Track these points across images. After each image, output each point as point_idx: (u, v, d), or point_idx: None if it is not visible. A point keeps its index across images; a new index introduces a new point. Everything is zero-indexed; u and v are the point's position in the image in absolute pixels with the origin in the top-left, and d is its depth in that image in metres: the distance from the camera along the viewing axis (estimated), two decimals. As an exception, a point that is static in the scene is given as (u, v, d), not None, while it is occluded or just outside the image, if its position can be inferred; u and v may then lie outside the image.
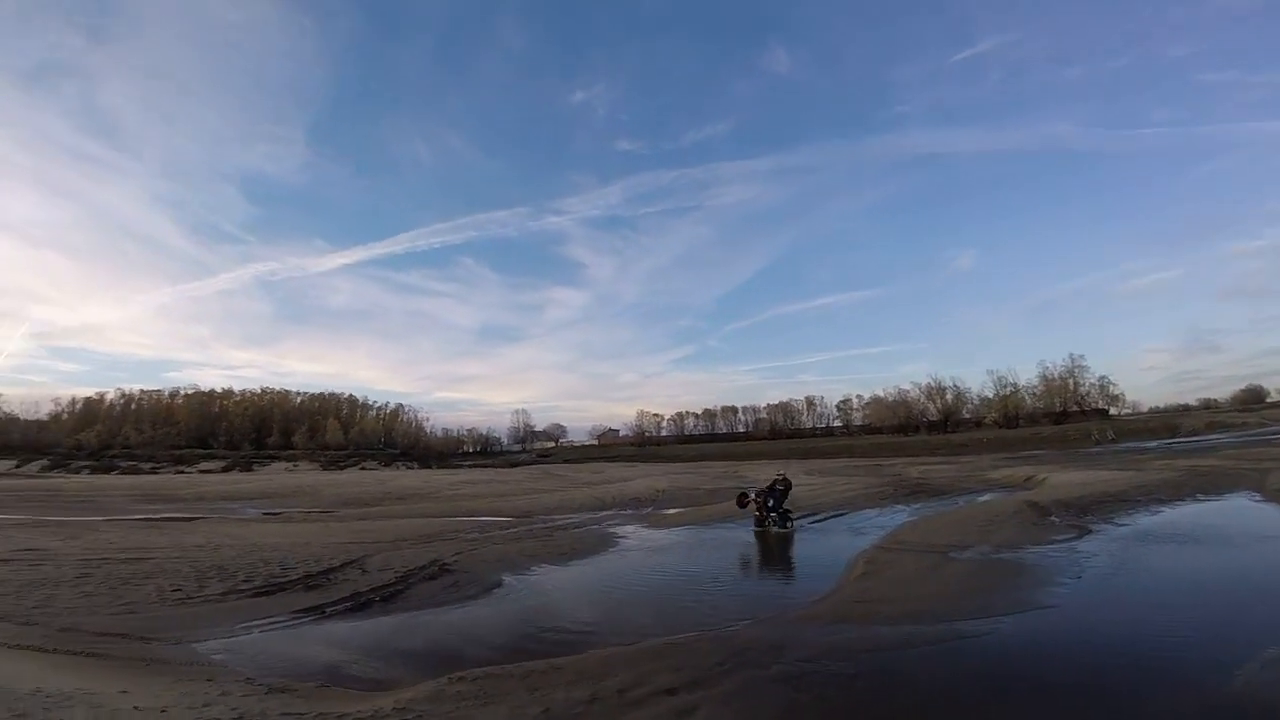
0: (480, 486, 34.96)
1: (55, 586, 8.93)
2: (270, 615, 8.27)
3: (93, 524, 17.17)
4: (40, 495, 28.45)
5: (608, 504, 24.02)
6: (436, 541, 14.79)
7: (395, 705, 5.10)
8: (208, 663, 6.31)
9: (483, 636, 7.78)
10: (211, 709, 4.66)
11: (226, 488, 36.05)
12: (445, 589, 10.12)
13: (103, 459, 79.22)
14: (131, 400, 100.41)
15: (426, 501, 27.85)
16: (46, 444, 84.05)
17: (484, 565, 11.82)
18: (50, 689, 4.67)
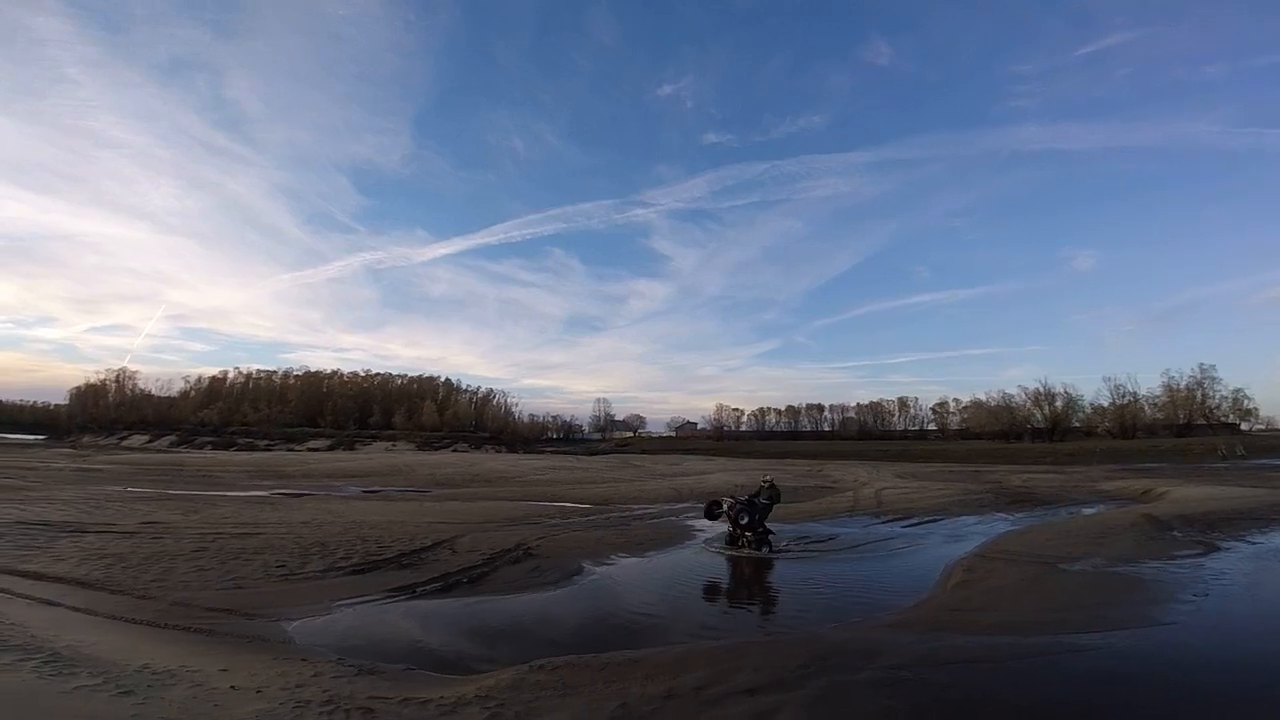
0: (562, 473, 35.69)
1: (173, 560, 9.58)
2: (365, 594, 8.58)
3: (210, 499, 18.79)
4: (167, 470, 31.59)
5: (684, 496, 23.82)
6: (521, 525, 15.13)
7: (478, 692, 5.12)
8: (304, 641, 6.56)
9: (562, 624, 7.85)
10: (304, 690, 4.78)
11: (331, 466, 38.77)
12: (528, 573, 10.33)
13: (223, 435, 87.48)
14: (250, 379, 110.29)
15: (511, 485, 28.72)
16: (175, 420, 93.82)
17: (564, 552, 11.98)
18: (157, 665, 4.91)
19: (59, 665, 4.46)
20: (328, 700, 4.60)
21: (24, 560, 8.97)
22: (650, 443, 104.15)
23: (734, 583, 10.06)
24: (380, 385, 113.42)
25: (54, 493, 17.31)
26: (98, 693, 4.01)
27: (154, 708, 3.93)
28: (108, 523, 12.51)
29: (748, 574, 10.76)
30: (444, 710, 4.76)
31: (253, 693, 4.54)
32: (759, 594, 9.44)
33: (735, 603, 9.03)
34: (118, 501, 16.22)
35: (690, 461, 52.02)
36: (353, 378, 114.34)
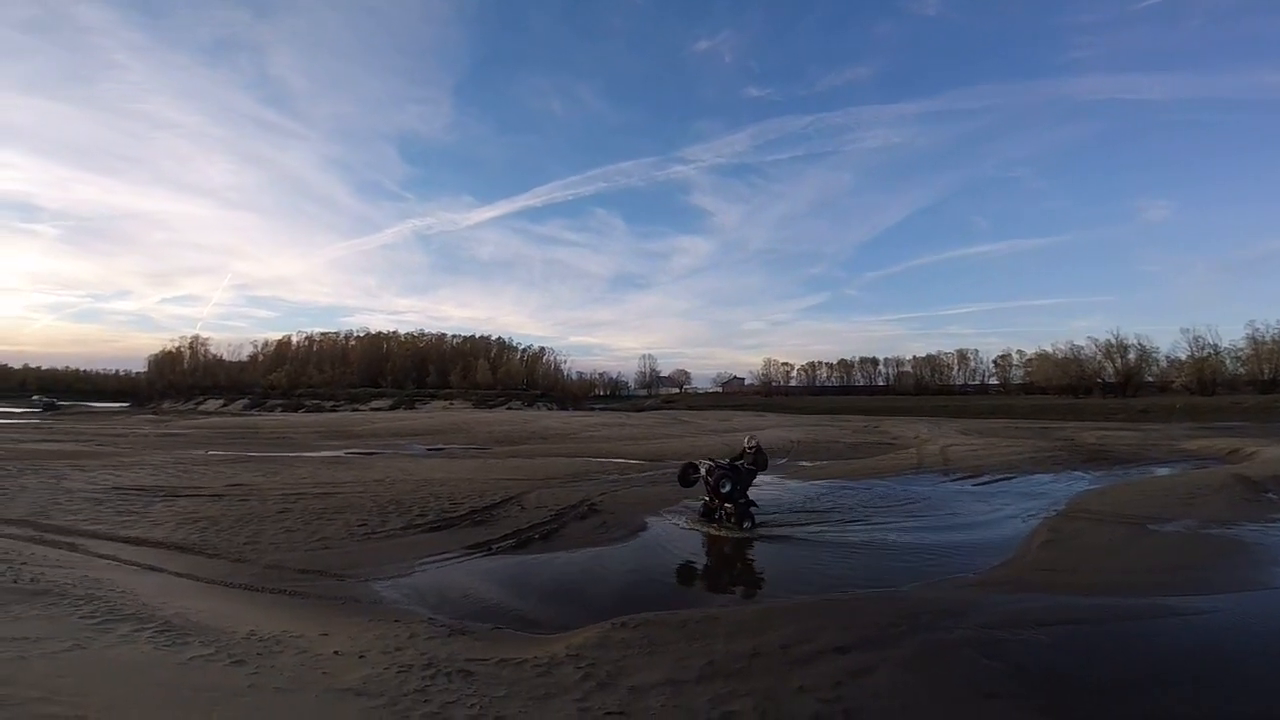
0: (613, 429, 35.98)
1: (260, 522, 9.93)
2: (445, 550, 8.81)
3: (288, 460, 19.56)
4: (243, 432, 33.22)
5: (738, 452, 23.65)
6: (581, 481, 15.34)
7: (568, 652, 5.15)
8: (394, 601, 6.74)
9: (633, 579, 7.95)
10: (404, 654, 4.86)
11: (394, 424, 40.13)
12: (595, 529, 10.51)
13: (292, 397, 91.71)
14: (313, 343, 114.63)
15: (567, 442, 29.12)
16: (247, 384, 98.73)
17: (626, 508, 12.10)
18: (262, 631, 5.05)
19: (172, 635, 4.60)
20: (428, 664, 4.68)
21: (125, 526, 9.44)
22: (696, 399, 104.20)
23: (805, 541, 9.93)
24: (435, 345, 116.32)
25: (143, 458, 18.38)
26: (212, 663, 4.12)
27: (267, 677, 4.02)
28: (196, 486, 13.15)
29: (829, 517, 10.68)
30: (539, 671, 4.79)
31: (356, 657, 4.63)
32: (830, 552, 9.28)
33: (807, 560, 8.89)
34: (202, 465, 17.11)
35: (740, 417, 51.67)
36: (409, 339, 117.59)
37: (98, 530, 9.02)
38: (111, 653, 4.08)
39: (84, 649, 4.05)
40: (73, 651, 3.98)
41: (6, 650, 3.82)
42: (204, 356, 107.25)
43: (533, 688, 4.50)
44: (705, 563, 9.03)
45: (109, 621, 4.73)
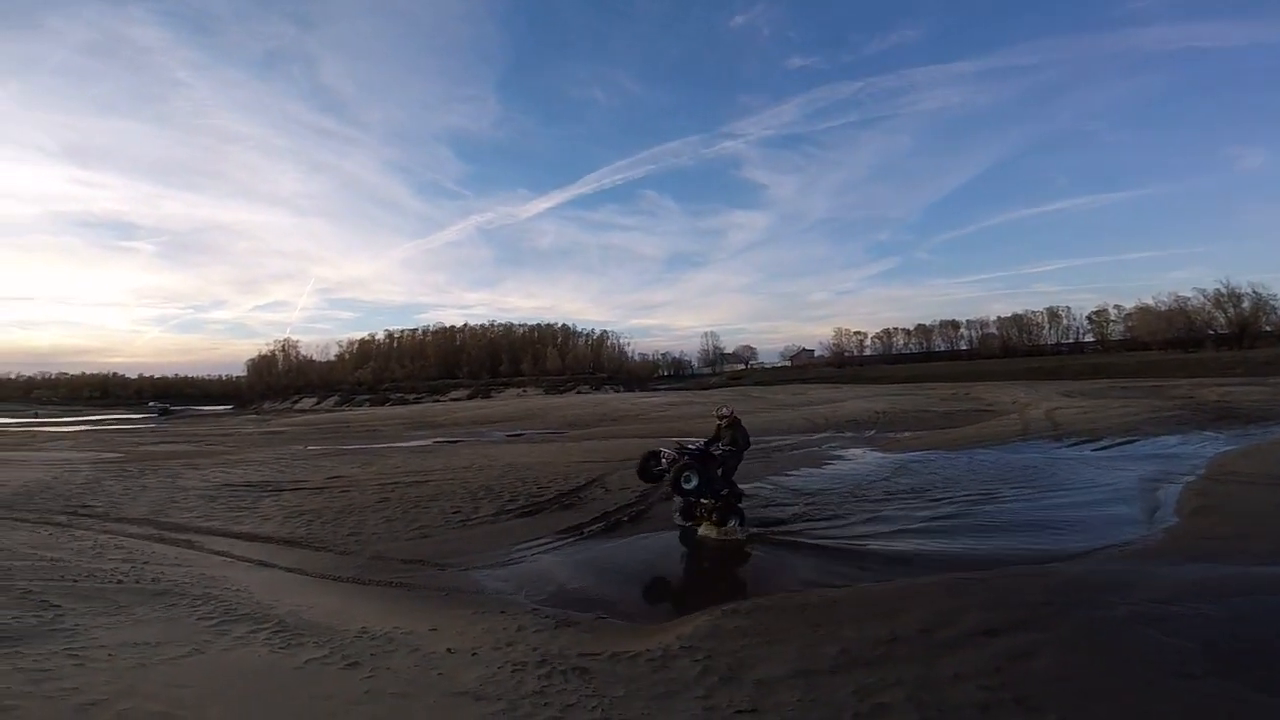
0: (683, 408, 35.69)
1: (361, 513, 10.15)
2: (538, 536, 8.77)
3: (380, 451, 20.36)
4: (336, 427, 35.02)
5: (820, 426, 22.86)
6: None
7: (681, 644, 4.89)
8: (495, 590, 6.67)
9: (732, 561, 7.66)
10: (515, 650, 4.71)
11: (473, 413, 41.38)
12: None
13: (378, 392, 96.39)
14: (393, 339, 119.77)
15: (638, 423, 29.07)
16: (335, 381, 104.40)
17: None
18: (373, 629, 4.99)
19: (286, 635, 4.59)
20: (541, 661, 4.50)
21: (237, 522, 9.86)
22: (764, 374, 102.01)
23: (919, 510, 9.30)
24: (505, 335, 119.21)
25: (248, 455, 19.52)
26: (327, 666, 4.06)
27: (383, 680, 3.92)
28: (299, 480, 13.71)
29: (929, 503, 9.88)
30: (654, 666, 4.54)
31: (469, 655, 4.49)
32: (952, 524, 8.63)
33: (925, 534, 8.29)
34: (302, 460, 17.97)
35: (815, 390, 50.15)
36: (481, 330, 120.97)
37: (212, 527, 9.45)
38: (229, 657, 4.07)
39: (203, 653, 4.06)
40: (192, 657, 3.99)
41: (128, 657, 3.86)
42: (295, 358, 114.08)
43: (651, 685, 4.27)
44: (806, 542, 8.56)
45: (226, 622, 4.77)
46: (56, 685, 3.25)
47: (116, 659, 3.74)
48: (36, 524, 9.02)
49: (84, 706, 3.05)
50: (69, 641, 4.02)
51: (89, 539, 8.08)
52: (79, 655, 3.75)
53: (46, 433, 35.91)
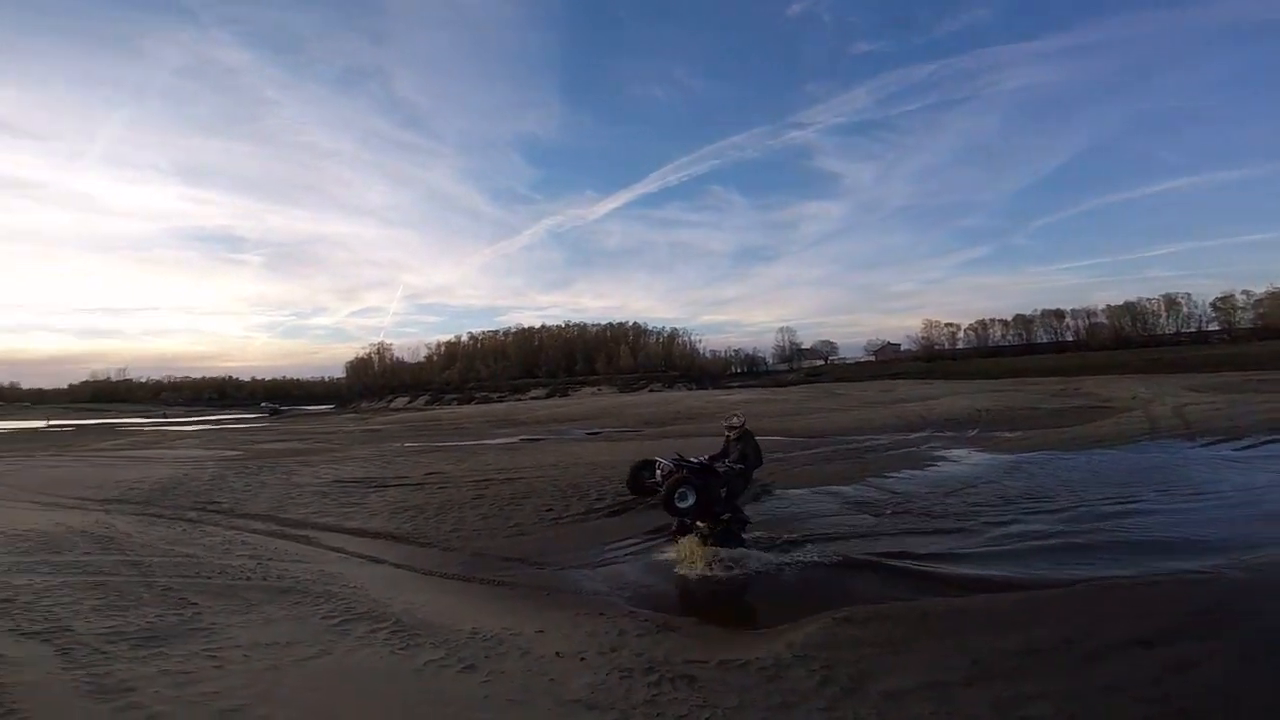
0: (760, 406, 34.94)
1: (460, 509, 10.44)
2: (629, 536, 8.74)
3: (470, 448, 21.08)
4: (427, 425, 36.60)
5: (915, 424, 21.68)
6: None
7: (793, 653, 4.66)
8: (593, 590, 6.66)
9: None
10: (620, 655, 4.64)
11: (552, 411, 42.24)
12: (775, 509, 10.03)
13: (464, 391, 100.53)
14: (476, 341, 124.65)
15: (714, 421, 28.54)
16: (425, 381, 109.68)
17: (801, 487, 11.50)
18: (483, 629, 5.04)
19: (404, 636, 4.69)
20: (648, 668, 4.39)
21: (347, 517, 10.32)
22: (845, 370, 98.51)
23: (1045, 511, 8.58)
24: (579, 335, 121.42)
25: (352, 452, 20.70)
26: (445, 669, 4.11)
27: (499, 686, 3.93)
28: (400, 476, 14.33)
29: (1054, 507, 9.09)
30: (767, 675, 4.34)
31: (577, 660, 4.46)
32: (1088, 526, 7.92)
33: (1057, 537, 7.63)
34: (400, 456, 18.86)
35: (904, 386, 47.82)
36: (557, 331, 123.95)
37: (326, 522, 9.96)
38: (353, 659, 4.18)
39: (329, 654, 4.19)
40: (320, 658, 4.11)
41: (262, 658, 4.01)
42: (389, 360, 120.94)
43: (766, 695, 4.08)
44: (917, 547, 8.04)
45: (347, 621, 4.93)
46: (198, 690, 3.38)
47: (251, 660, 3.91)
48: (172, 520, 9.73)
49: (225, 712, 3.15)
50: (207, 641, 4.22)
51: (218, 535, 8.62)
52: (217, 656, 3.92)
53: (174, 432, 39.55)
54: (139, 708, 3.08)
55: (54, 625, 4.26)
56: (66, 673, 3.47)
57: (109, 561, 6.35)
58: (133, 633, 4.25)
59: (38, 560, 6.17)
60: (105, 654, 3.79)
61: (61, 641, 3.97)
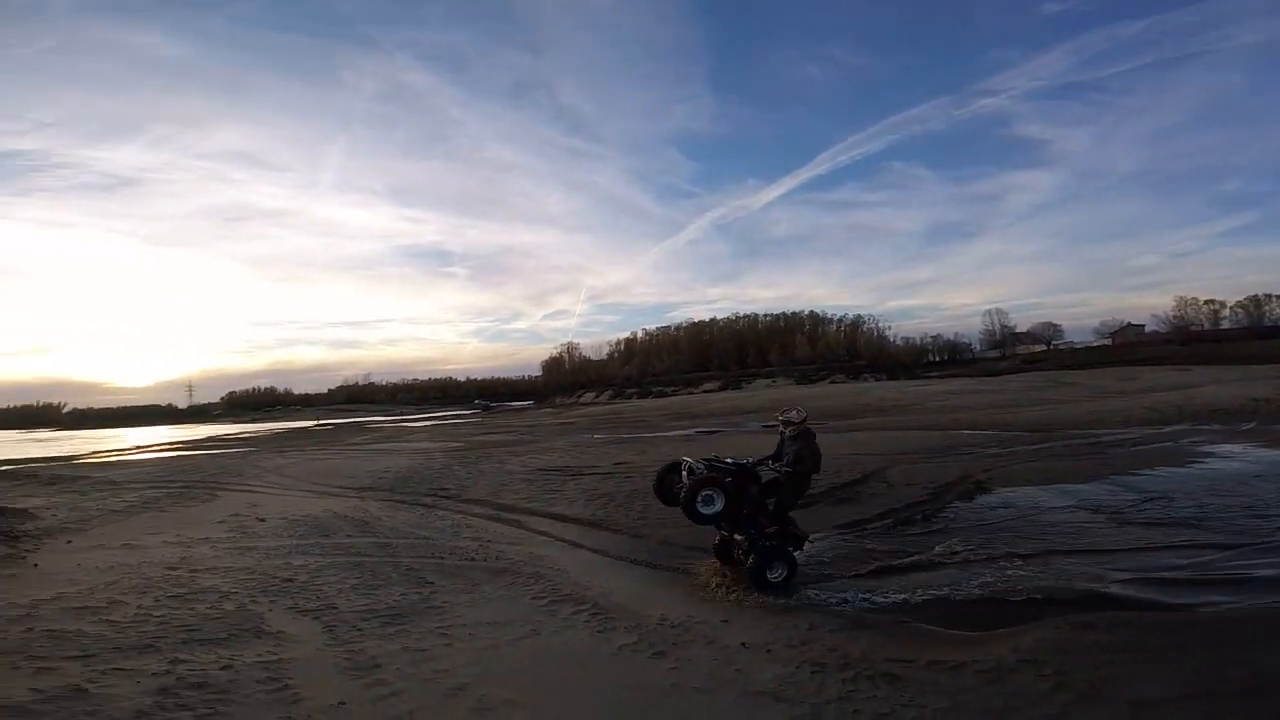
0: (968, 397, 31.63)
1: (646, 498, 10.42)
2: (815, 530, 8.24)
3: (651, 439, 21.90)
4: (612, 417, 38.58)
5: (1170, 417, 18.17)
6: (949, 456, 13.71)
7: (1019, 657, 4.26)
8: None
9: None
10: (811, 649, 4.51)
11: (726, 404, 42.30)
12: (990, 509, 9.12)
13: (642, 386, 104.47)
14: (651, 337, 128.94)
15: (910, 414, 26.57)
16: (608, 377, 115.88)
17: (1025, 485, 10.38)
18: (671, 616, 5.18)
19: (602, 619, 4.97)
20: (843, 664, 4.22)
21: (551, 503, 11.17)
22: (1072, 356, 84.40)
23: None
24: (751, 327, 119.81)
25: (551, 443, 22.58)
26: (637, 654, 4.28)
27: (686, 674, 4.00)
28: (592, 465, 15.34)
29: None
30: (986, 677, 4.00)
31: (763, 652, 4.43)
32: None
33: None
34: (591, 447, 20.19)
35: (1151, 373, 40.08)
36: (727, 323, 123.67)
37: (533, 507, 10.92)
38: (559, 640, 4.50)
39: (538, 635, 4.54)
40: (530, 638, 4.46)
41: (483, 637, 4.41)
42: (577, 359, 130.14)
43: (985, 698, 3.77)
44: (1168, 561, 6.72)
45: (554, 603, 5.32)
46: (431, 667, 3.76)
47: (475, 638, 4.33)
48: (411, 505, 11.20)
49: (453, 691, 3.46)
50: (440, 619, 4.69)
51: (448, 519, 9.79)
52: (448, 634, 4.37)
53: (409, 428, 46.30)
54: (384, 684, 3.43)
55: (323, 604, 4.81)
56: (330, 649, 3.92)
57: (365, 544, 7.29)
58: (382, 610, 4.77)
59: (311, 543, 7.12)
60: (360, 631, 4.27)
61: (328, 619, 4.49)
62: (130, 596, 4.43)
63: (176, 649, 3.51)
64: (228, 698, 2.93)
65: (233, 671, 3.26)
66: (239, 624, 4.06)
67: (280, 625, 4.13)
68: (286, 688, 3.15)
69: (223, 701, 2.88)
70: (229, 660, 3.41)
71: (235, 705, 2.87)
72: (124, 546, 6.19)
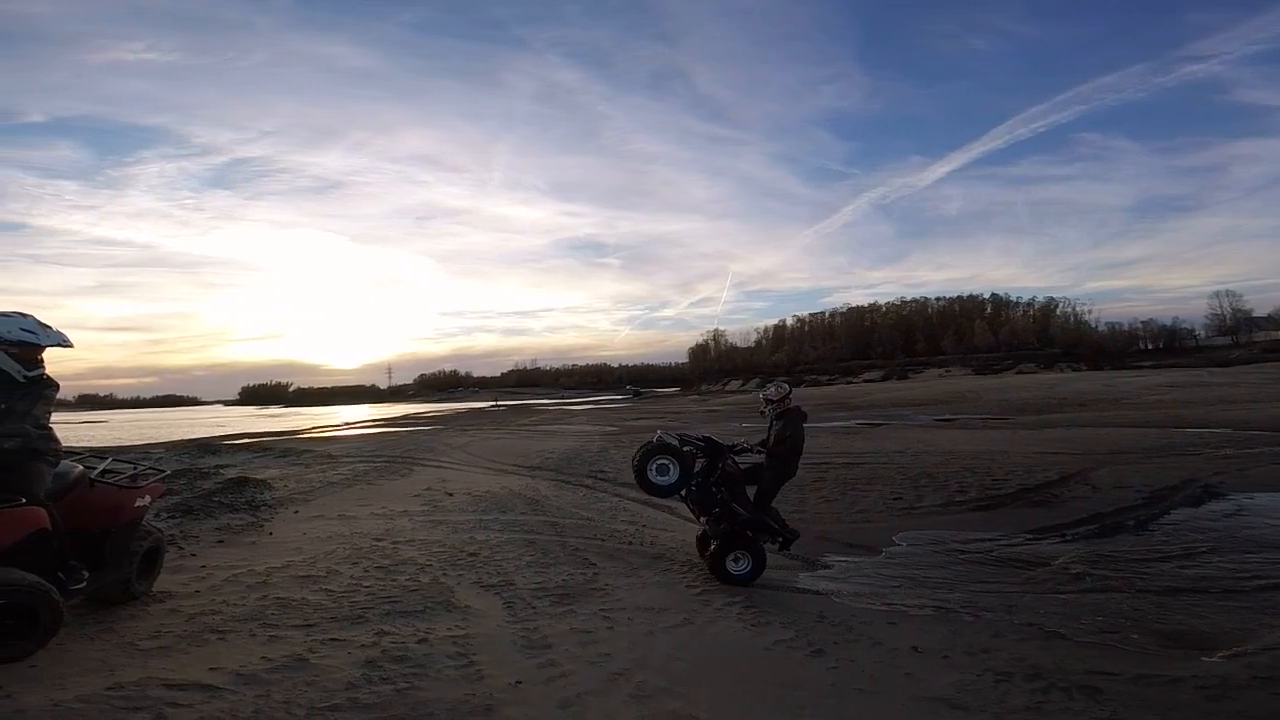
0: (1192, 391, 26.98)
1: (801, 491, 10.00)
2: (1001, 534, 7.68)
3: (806, 430, 21.01)
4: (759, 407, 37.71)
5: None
6: (1170, 456, 11.82)
7: (1254, 674, 3.69)
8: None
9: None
10: (994, 657, 4.06)
11: (890, 395, 39.69)
12: (1223, 516, 7.84)
13: (793, 374, 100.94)
14: (803, 324, 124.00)
15: (1119, 409, 23.17)
16: (756, 365, 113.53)
17: (1270, 491, 8.88)
18: (830, 615, 4.86)
19: (755, 612, 4.74)
20: (1033, 674, 3.75)
21: None
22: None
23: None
24: (918, 311, 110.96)
25: (699, 429, 22.21)
26: (793, 651, 4.05)
27: (848, 675, 3.75)
28: (741, 455, 15.13)
29: None
30: (1208, 694, 3.50)
31: (938, 657, 4.03)
32: None
33: None
34: (739, 436, 19.66)
35: None
36: (891, 308, 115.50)
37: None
38: (711, 630, 4.37)
39: (691, 624, 4.43)
40: (684, 627, 4.37)
41: (641, 623, 4.35)
42: (723, 346, 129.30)
43: (1204, 716, 3.28)
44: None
45: (707, 593, 5.19)
46: (595, 650, 3.76)
47: (634, 624, 4.30)
48: (575, 485, 11.53)
49: (613, 676, 3.44)
50: (603, 602, 4.67)
51: (606, 501, 9.99)
52: (610, 618, 4.35)
53: (569, 411, 48.92)
54: (554, 665, 3.47)
55: (503, 580, 4.93)
56: (509, 626, 4.01)
57: (537, 521, 7.49)
58: (552, 589, 4.83)
59: (491, 519, 7.42)
60: (534, 609, 4.36)
61: (508, 595, 4.60)
62: (344, 566, 4.84)
63: (381, 620, 3.79)
64: (422, 671, 3.12)
65: (427, 645, 3.46)
66: (432, 597, 4.31)
67: (467, 600, 4.36)
68: (472, 664, 3.30)
69: (418, 675, 3.07)
70: (425, 634, 3.63)
71: (428, 680, 3.04)
72: (339, 517, 6.83)
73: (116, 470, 4.06)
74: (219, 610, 3.75)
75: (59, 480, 3.33)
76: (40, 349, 3.24)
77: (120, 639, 3.22)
